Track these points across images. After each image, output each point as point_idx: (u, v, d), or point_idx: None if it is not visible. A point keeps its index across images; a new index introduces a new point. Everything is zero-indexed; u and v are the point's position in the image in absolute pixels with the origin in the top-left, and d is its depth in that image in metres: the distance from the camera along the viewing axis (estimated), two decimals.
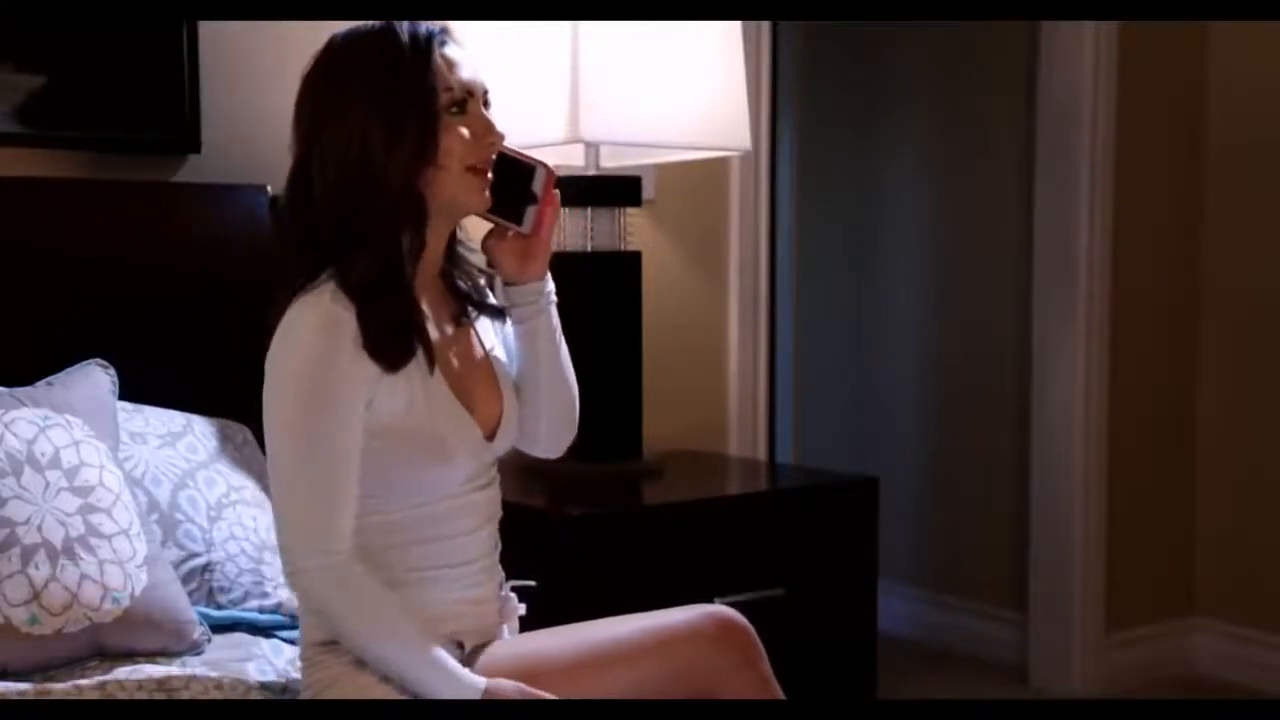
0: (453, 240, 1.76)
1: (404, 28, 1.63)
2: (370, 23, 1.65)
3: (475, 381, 1.74)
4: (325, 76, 1.64)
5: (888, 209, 4.13)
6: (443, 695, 1.56)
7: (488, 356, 1.78)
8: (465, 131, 1.63)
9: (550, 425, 1.83)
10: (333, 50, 1.66)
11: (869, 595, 2.62)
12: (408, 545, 1.65)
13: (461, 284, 1.78)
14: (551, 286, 1.79)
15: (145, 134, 2.34)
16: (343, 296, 1.58)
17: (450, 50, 1.66)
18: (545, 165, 1.72)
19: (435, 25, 1.66)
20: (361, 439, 1.60)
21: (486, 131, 1.65)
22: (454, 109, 1.63)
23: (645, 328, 2.69)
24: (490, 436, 1.73)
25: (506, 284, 1.78)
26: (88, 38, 2.26)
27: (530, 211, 1.72)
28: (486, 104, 1.68)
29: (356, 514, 1.61)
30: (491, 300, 1.81)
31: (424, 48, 1.62)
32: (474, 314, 1.79)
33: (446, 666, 1.57)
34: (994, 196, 3.82)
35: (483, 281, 1.80)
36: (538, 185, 1.72)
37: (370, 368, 1.59)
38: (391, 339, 1.60)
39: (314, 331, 1.57)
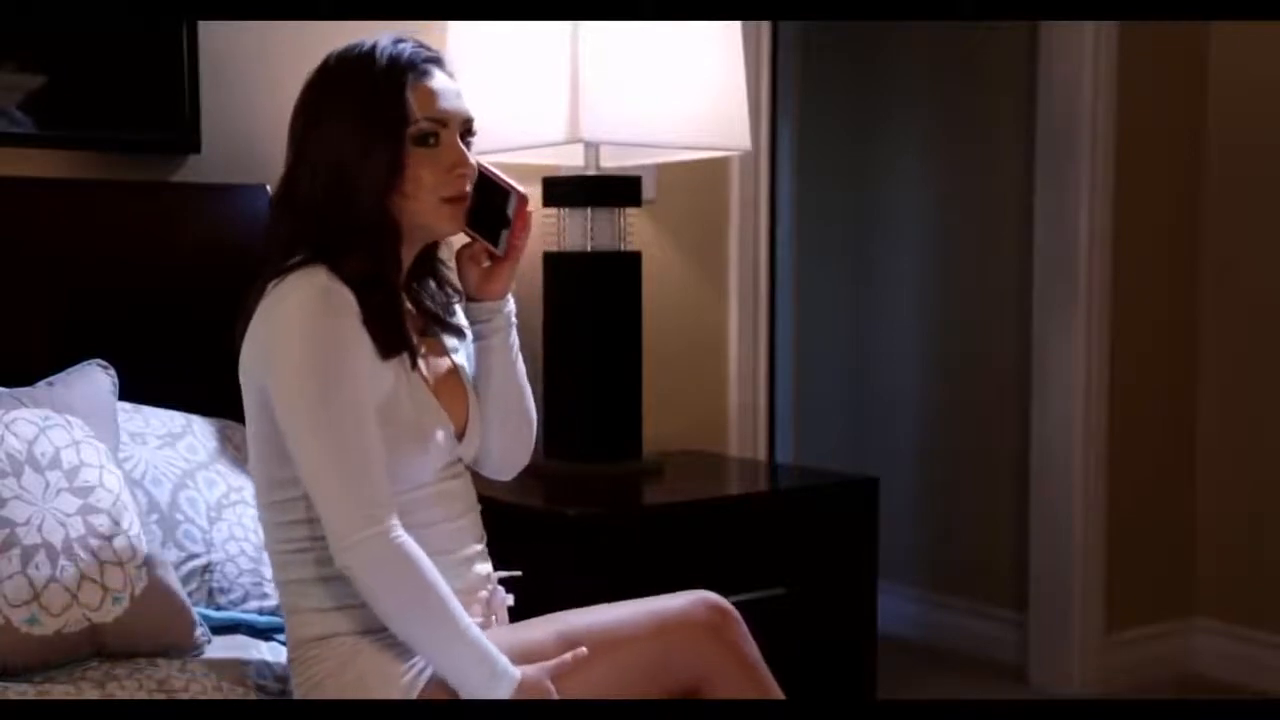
0: (430, 258, 1.80)
1: (386, 52, 1.66)
2: (362, 41, 1.68)
3: (444, 388, 1.76)
4: (314, 89, 1.70)
5: (887, 209, 4.13)
6: (478, 685, 1.57)
7: (455, 367, 1.81)
8: (435, 163, 1.66)
9: (502, 446, 1.85)
10: (326, 65, 1.70)
11: (869, 595, 2.62)
12: None
13: (428, 301, 1.80)
14: (512, 308, 1.82)
15: (145, 134, 2.34)
16: (337, 279, 1.61)
17: (433, 80, 1.68)
18: (519, 191, 1.76)
19: (422, 52, 1.69)
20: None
21: (456, 164, 1.68)
22: (426, 139, 1.66)
23: (645, 328, 2.69)
24: (459, 437, 1.77)
25: (468, 299, 1.81)
26: (88, 38, 2.26)
27: (504, 234, 1.76)
28: (469, 133, 1.71)
29: None
30: (456, 320, 1.83)
31: (399, 76, 1.65)
32: (438, 331, 1.81)
33: (489, 658, 1.59)
34: (994, 196, 3.82)
35: (455, 302, 1.83)
36: (511, 210, 1.75)
37: (369, 346, 1.62)
38: (388, 325, 1.64)
39: (316, 301, 1.60)
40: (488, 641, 1.61)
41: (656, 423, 2.81)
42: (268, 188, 2.35)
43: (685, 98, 2.47)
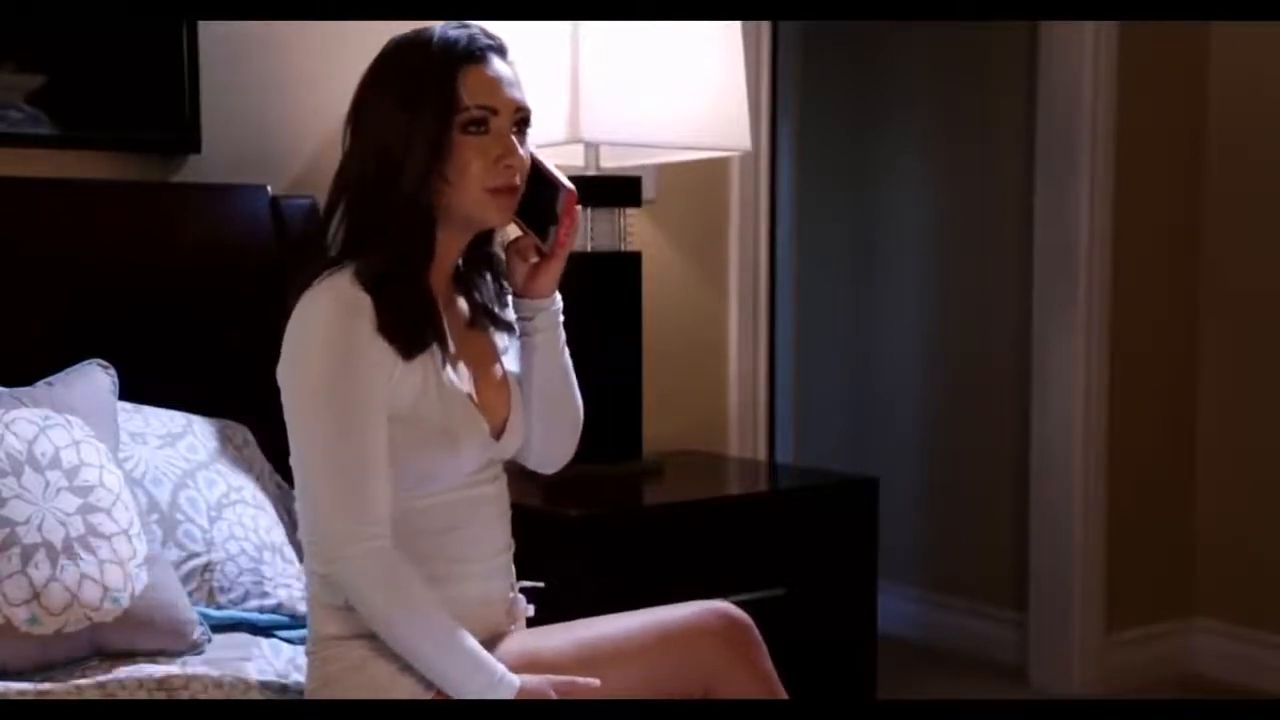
0: (483, 250, 1.77)
1: (442, 38, 1.64)
2: (424, 28, 1.66)
3: (485, 384, 1.75)
4: (369, 75, 1.68)
5: (888, 209, 4.13)
6: (477, 693, 1.56)
7: (500, 363, 1.79)
8: (483, 152, 1.63)
9: (544, 441, 1.84)
10: (384, 51, 1.68)
11: (869, 595, 2.62)
12: (416, 536, 1.65)
13: (478, 295, 1.78)
14: (559, 306, 1.79)
15: (145, 134, 2.34)
16: (359, 283, 1.60)
17: (489, 68, 1.64)
18: (568, 188, 1.72)
19: (481, 39, 1.65)
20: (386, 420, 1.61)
21: (506, 153, 1.64)
22: (473, 127, 1.63)
23: (645, 328, 2.69)
24: (497, 436, 1.74)
25: (515, 295, 1.79)
26: (88, 38, 2.26)
27: (552, 230, 1.73)
28: (522, 124, 1.68)
29: None
30: (508, 315, 1.81)
31: (452, 62, 1.62)
32: (488, 324, 1.79)
33: (486, 666, 1.58)
34: (994, 196, 3.82)
35: (509, 296, 1.80)
36: (559, 207, 1.72)
37: (387, 351, 1.60)
38: (405, 325, 1.61)
39: (333, 309, 1.59)
40: (483, 651, 1.60)
41: (656, 423, 2.81)
42: (268, 188, 2.36)
43: (685, 98, 2.47)
